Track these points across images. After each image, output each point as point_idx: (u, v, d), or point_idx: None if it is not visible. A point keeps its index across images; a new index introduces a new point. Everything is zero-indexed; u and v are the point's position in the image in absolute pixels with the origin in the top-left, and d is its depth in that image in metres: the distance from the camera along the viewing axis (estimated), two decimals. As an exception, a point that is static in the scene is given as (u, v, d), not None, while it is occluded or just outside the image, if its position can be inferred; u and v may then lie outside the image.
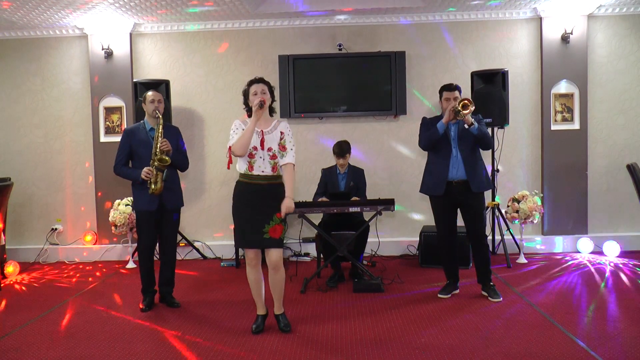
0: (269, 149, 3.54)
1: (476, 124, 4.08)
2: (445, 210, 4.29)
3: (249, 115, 3.68)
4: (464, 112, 4.00)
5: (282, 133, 3.60)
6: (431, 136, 4.20)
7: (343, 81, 5.99)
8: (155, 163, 4.03)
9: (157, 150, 4.04)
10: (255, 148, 3.51)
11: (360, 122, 6.10)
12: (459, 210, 4.33)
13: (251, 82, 3.64)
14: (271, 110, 3.70)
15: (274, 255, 3.54)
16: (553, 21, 5.85)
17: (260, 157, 3.52)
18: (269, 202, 3.52)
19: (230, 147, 3.50)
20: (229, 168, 3.64)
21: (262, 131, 3.57)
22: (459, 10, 5.86)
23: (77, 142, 6.23)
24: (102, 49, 5.96)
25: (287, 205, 3.51)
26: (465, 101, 4.02)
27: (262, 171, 3.53)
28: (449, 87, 4.25)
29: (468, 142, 4.18)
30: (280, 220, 3.53)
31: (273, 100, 3.68)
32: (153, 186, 4.04)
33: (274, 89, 3.74)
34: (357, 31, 6.05)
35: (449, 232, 4.34)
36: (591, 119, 5.95)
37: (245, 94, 3.66)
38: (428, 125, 4.29)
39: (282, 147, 3.57)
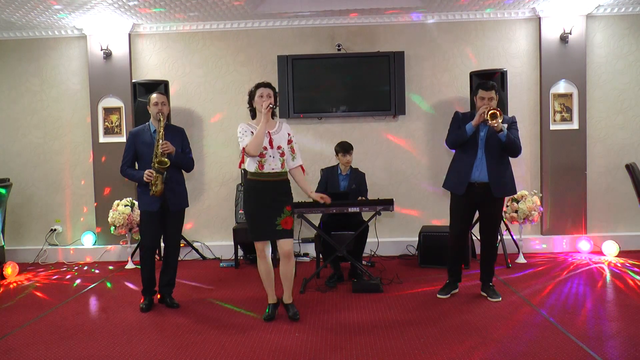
0: (279, 147, 3.82)
1: (505, 131, 4.00)
2: (464, 210, 4.25)
3: (252, 115, 3.95)
4: (492, 122, 3.93)
5: (289, 134, 3.92)
6: (458, 137, 4.13)
7: (342, 81, 5.99)
8: (155, 165, 4.04)
9: (158, 152, 4.05)
10: (265, 148, 3.78)
11: (360, 122, 6.10)
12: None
13: (259, 85, 3.87)
14: (273, 114, 3.96)
15: (286, 244, 3.84)
16: (552, 21, 5.86)
17: (271, 156, 3.80)
18: (279, 197, 3.81)
19: (243, 148, 3.75)
20: (240, 167, 3.90)
21: (269, 132, 3.83)
22: (457, 10, 5.87)
23: (76, 142, 6.23)
24: (101, 50, 5.96)
25: (320, 196, 4.00)
26: (495, 111, 3.94)
27: (272, 169, 3.81)
28: (485, 86, 4.12)
29: (496, 145, 4.10)
30: (290, 212, 3.84)
31: (276, 105, 3.95)
32: (154, 188, 4.05)
33: (278, 94, 4.01)
34: (356, 31, 6.06)
35: (462, 231, 4.32)
36: (590, 118, 5.96)
37: (251, 95, 3.89)
38: (459, 122, 4.20)
39: (292, 150, 3.92)
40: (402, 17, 5.98)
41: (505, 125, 4.04)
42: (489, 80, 4.40)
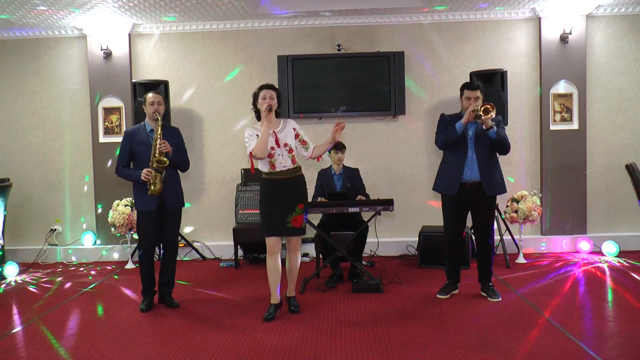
0: (285, 145, 3.89)
1: (495, 128, 4.01)
2: (457, 211, 4.26)
3: (257, 116, 4.00)
4: (486, 117, 3.92)
5: (294, 129, 3.98)
6: (448, 136, 4.14)
7: (342, 81, 5.99)
8: (154, 164, 4.04)
9: (156, 151, 4.05)
10: (272, 148, 3.86)
11: (359, 123, 6.10)
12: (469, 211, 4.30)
13: (262, 87, 3.95)
14: (277, 114, 4.00)
15: (294, 239, 4.03)
16: (552, 21, 5.86)
17: (280, 155, 3.88)
18: (291, 195, 3.91)
19: (250, 152, 3.81)
20: (253, 172, 3.97)
21: (275, 132, 3.90)
22: (457, 10, 5.87)
23: (76, 142, 6.22)
24: (101, 50, 5.96)
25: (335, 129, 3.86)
26: (488, 106, 3.93)
27: (284, 166, 3.90)
28: (471, 86, 4.16)
29: (485, 143, 4.11)
30: (301, 211, 3.93)
31: (280, 105, 3.98)
32: (152, 187, 4.05)
33: (282, 95, 4.07)
34: (356, 31, 6.06)
35: (457, 232, 4.31)
36: (590, 119, 5.96)
37: (255, 97, 3.97)
38: (447, 123, 4.20)
39: (303, 142, 3.99)
40: (402, 17, 5.98)
41: (494, 124, 4.05)
42: (474, 81, 4.40)
